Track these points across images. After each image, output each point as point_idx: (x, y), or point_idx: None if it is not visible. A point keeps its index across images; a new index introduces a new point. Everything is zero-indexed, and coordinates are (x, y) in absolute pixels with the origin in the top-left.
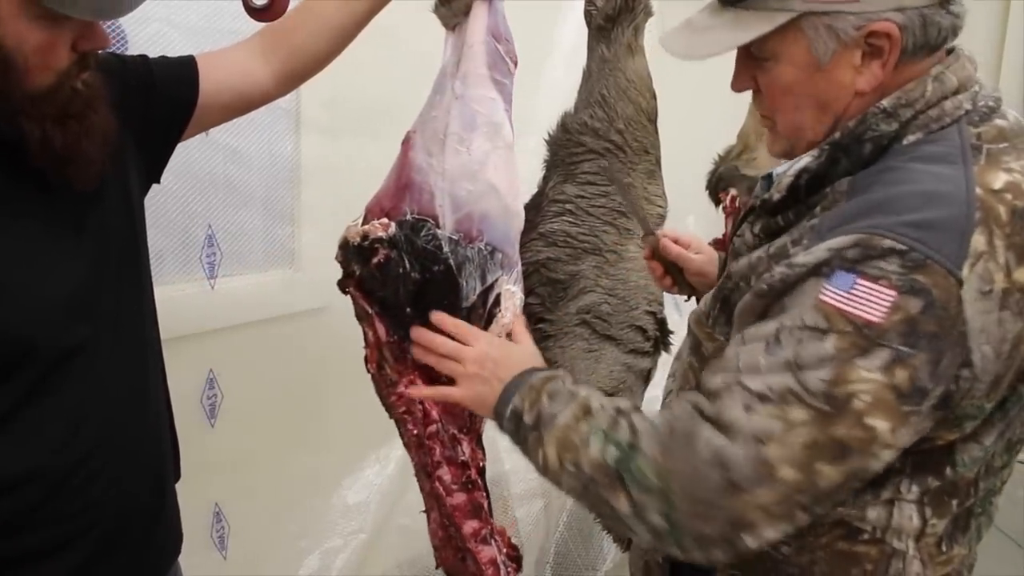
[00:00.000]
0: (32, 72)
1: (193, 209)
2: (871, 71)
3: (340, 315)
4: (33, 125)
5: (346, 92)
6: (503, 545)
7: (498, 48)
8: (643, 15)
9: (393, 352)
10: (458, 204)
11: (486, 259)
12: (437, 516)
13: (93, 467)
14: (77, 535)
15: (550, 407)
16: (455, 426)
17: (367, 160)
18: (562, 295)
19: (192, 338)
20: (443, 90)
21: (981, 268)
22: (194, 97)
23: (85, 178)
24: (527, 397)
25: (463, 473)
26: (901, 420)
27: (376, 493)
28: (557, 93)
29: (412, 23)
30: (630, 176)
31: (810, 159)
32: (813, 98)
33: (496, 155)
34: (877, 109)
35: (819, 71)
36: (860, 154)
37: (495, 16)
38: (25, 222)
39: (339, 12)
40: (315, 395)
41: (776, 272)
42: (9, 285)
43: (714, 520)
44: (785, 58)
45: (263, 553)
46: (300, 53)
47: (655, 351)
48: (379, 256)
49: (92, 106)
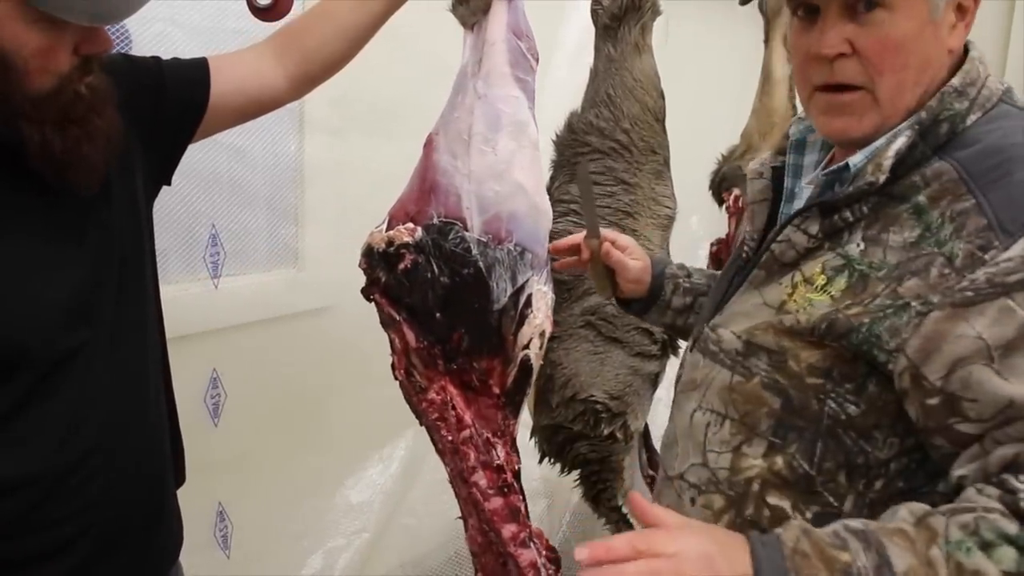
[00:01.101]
0: (32, 75)
1: (197, 208)
2: (958, 31)
3: (343, 315)
4: (33, 129)
5: (351, 92)
6: (542, 548)
7: (519, 45)
8: (650, 14)
9: (422, 358)
10: (485, 205)
11: (516, 260)
12: (476, 522)
13: (91, 468)
14: (76, 536)
15: (857, 559)
16: (489, 430)
17: (372, 160)
18: (567, 296)
19: (195, 337)
20: (465, 90)
21: None
22: (205, 99)
23: (85, 182)
24: (804, 569)
25: (499, 477)
26: None
27: (379, 493)
28: (562, 93)
29: (418, 22)
30: (636, 176)
31: (905, 139)
32: (920, 55)
33: (522, 154)
34: (950, 88)
35: (930, 25)
36: (938, 135)
37: (515, 13)
38: (24, 225)
39: (353, 14)
40: (318, 394)
41: (979, 278)
42: (4, 289)
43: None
44: (902, 8)
45: (266, 552)
46: (314, 56)
47: (663, 355)
48: (406, 261)
49: (95, 109)
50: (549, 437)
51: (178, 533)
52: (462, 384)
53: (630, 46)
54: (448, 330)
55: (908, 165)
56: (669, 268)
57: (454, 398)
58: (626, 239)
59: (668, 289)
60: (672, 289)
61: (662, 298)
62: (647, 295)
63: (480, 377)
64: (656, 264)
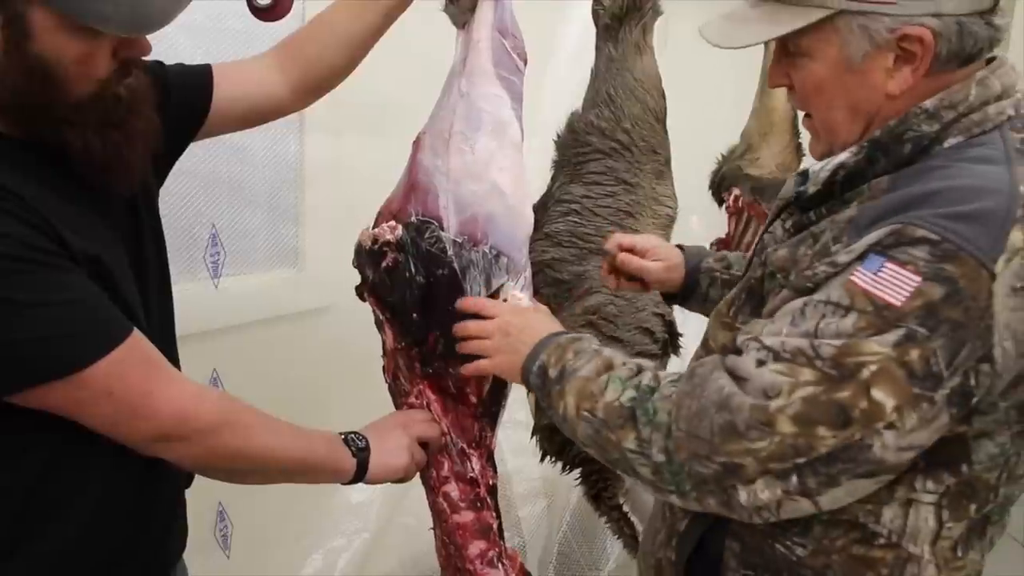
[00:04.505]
0: (73, 82)
1: (197, 209)
2: (902, 75)
3: (344, 315)
4: (75, 134)
5: (351, 92)
6: (513, 570)
7: (504, 44)
8: (651, 14)
9: (404, 360)
10: (462, 205)
11: (491, 263)
12: (439, 533)
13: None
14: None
15: (574, 362)
16: (464, 441)
17: (372, 160)
18: (567, 296)
19: (196, 337)
20: (450, 89)
21: (1016, 264)
22: (206, 106)
23: (125, 183)
24: (554, 354)
25: (472, 490)
26: (909, 401)
27: (379, 492)
28: (563, 93)
29: (419, 22)
30: (637, 176)
31: (848, 155)
32: (844, 98)
33: (502, 154)
34: (919, 109)
35: (850, 71)
36: (899, 154)
37: (502, 12)
38: (106, 231)
39: (353, 23)
40: (319, 394)
41: (819, 270)
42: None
43: (709, 460)
44: (818, 55)
45: (266, 552)
46: (316, 65)
47: (663, 353)
48: (388, 259)
49: (135, 110)
50: (549, 436)
51: (183, 529)
52: (440, 390)
53: (631, 46)
54: (424, 332)
55: (867, 178)
56: (705, 262)
57: (432, 404)
58: (648, 241)
59: (704, 284)
60: (708, 283)
61: (698, 291)
62: (681, 290)
63: (456, 384)
64: (691, 258)
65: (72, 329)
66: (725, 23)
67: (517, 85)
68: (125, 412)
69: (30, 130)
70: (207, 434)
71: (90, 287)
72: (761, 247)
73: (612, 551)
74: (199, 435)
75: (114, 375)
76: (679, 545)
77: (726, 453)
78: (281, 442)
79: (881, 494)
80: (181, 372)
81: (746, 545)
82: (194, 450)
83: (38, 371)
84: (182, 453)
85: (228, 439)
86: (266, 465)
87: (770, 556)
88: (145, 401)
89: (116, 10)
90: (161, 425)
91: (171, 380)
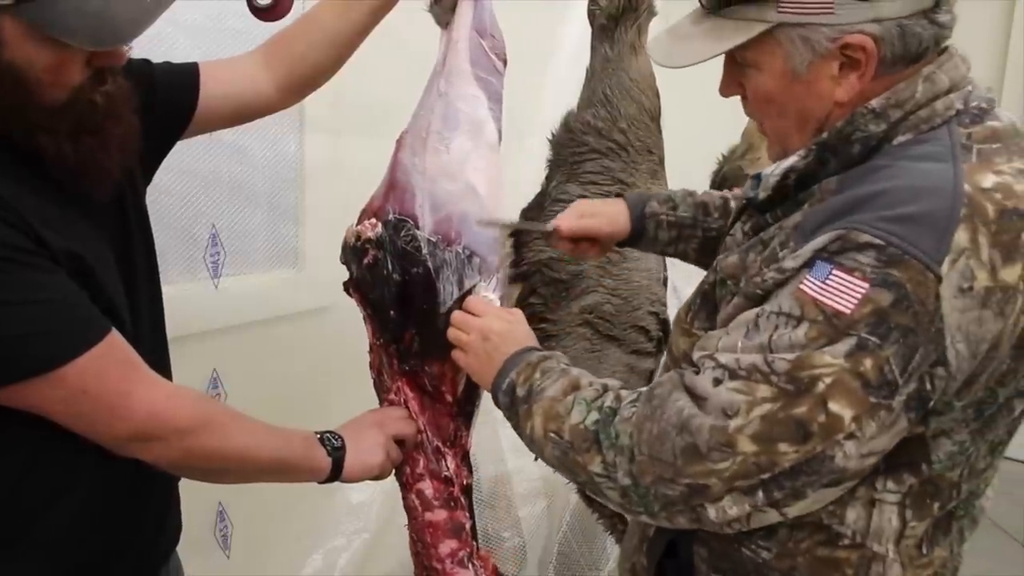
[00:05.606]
0: (45, 88)
1: (197, 208)
2: (849, 82)
3: (344, 315)
4: (48, 140)
5: (351, 92)
6: (485, 571)
7: (482, 44)
8: (646, 14)
9: (384, 357)
10: (438, 204)
11: (464, 263)
12: (409, 531)
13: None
14: (89, 528)
15: (541, 381)
16: (440, 439)
17: (371, 160)
18: (564, 295)
19: (196, 337)
20: (431, 88)
21: (962, 265)
22: (193, 105)
23: (100, 189)
24: (523, 373)
25: (446, 489)
26: (867, 411)
27: (379, 492)
28: (560, 93)
29: (417, 22)
30: (633, 175)
31: (797, 158)
32: (793, 107)
33: (477, 155)
34: (865, 109)
35: (796, 81)
36: (848, 154)
37: (480, 12)
38: (87, 230)
39: (339, 21)
40: (319, 394)
41: (768, 276)
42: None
43: (674, 483)
44: (765, 67)
45: (266, 552)
46: (303, 63)
47: (658, 351)
48: (368, 257)
49: (112, 115)
50: None
51: (177, 521)
52: (417, 387)
53: (626, 46)
54: (401, 329)
55: (818, 179)
56: (650, 206)
57: (409, 401)
58: (578, 207)
59: (651, 228)
60: (655, 226)
61: (647, 236)
62: (630, 236)
63: (432, 382)
64: (635, 205)
65: (49, 327)
66: (668, 39)
67: (495, 85)
68: (102, 412)
69: (3, 133)
70: (184, 434)
71: (69, 286)
72: (724, 250)
73: (612, 551)
74: (176, 435)
75: (91, 374)
76: (649, 550)
77: (690, 475)
78: (257, 442)
79: (844, 495)
80: (171, 372)
81: (713, 551)
82: (171, 450)
83: (15, 369)
84: (159, 453)
85: (205, 439)
86: (242, 465)
87: (737, 559)
88: (122, 401)
89: (83, 23)
90: (137, 425)
91: (148, 381)
